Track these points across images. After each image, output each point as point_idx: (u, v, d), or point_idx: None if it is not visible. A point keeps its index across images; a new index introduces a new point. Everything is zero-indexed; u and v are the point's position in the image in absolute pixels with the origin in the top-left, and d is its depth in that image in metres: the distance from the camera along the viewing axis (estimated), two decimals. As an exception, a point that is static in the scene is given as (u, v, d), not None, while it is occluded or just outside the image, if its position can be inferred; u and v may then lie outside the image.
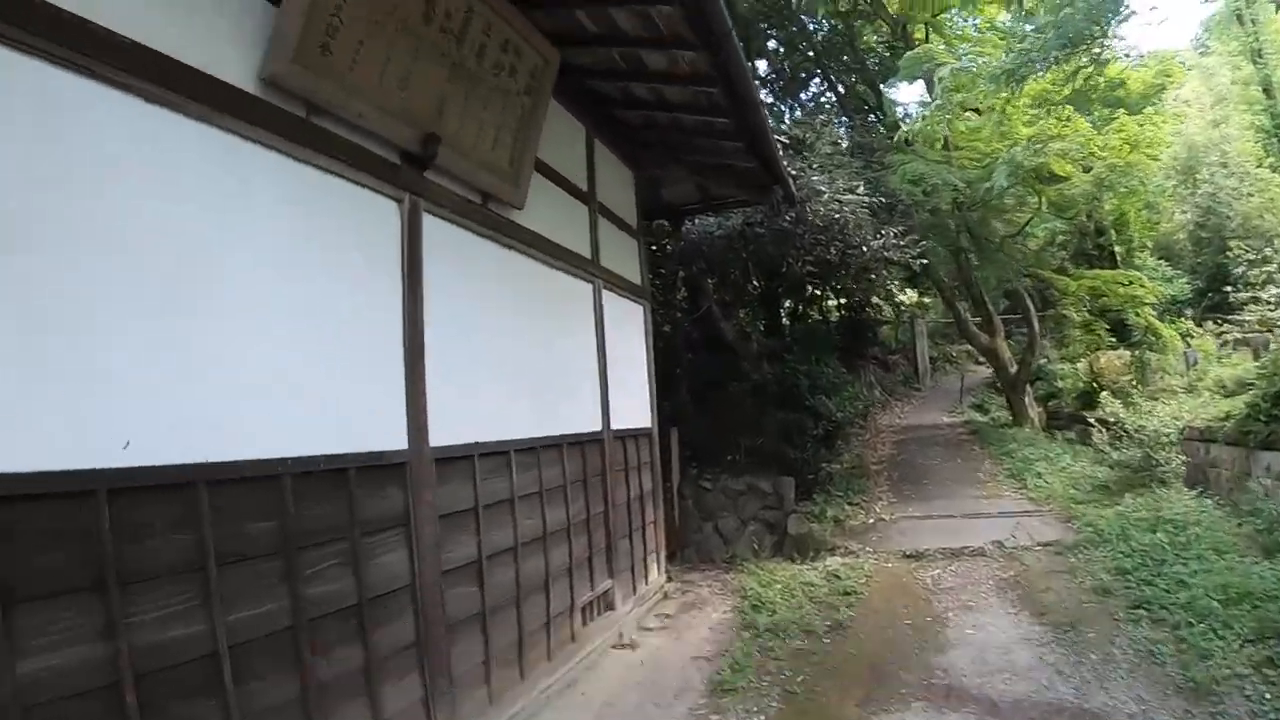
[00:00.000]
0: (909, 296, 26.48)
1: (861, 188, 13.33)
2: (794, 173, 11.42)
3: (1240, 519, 9.54)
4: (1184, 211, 25.55)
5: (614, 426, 8.54)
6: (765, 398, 13.12)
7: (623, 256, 9.46)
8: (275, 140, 4.12)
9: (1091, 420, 15.20)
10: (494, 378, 6.16)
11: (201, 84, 3.65)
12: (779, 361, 13.80)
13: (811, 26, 21.94)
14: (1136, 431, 12.45)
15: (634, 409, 9.45)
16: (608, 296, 8.70)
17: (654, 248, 13.41)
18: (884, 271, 14.39)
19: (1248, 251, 18.78)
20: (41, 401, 2.84)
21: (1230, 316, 19.46)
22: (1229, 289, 19.60)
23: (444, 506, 5.30)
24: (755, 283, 15.77)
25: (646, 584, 9.28)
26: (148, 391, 3.26)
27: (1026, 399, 19.53)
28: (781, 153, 9.66)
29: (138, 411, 3.20)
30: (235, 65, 3.89)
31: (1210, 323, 20.54)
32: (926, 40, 18.47)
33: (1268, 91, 25.69)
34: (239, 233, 3.83)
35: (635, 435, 9.41)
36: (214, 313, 3.64)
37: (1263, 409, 10.47)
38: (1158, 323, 18.81)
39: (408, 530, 4.91)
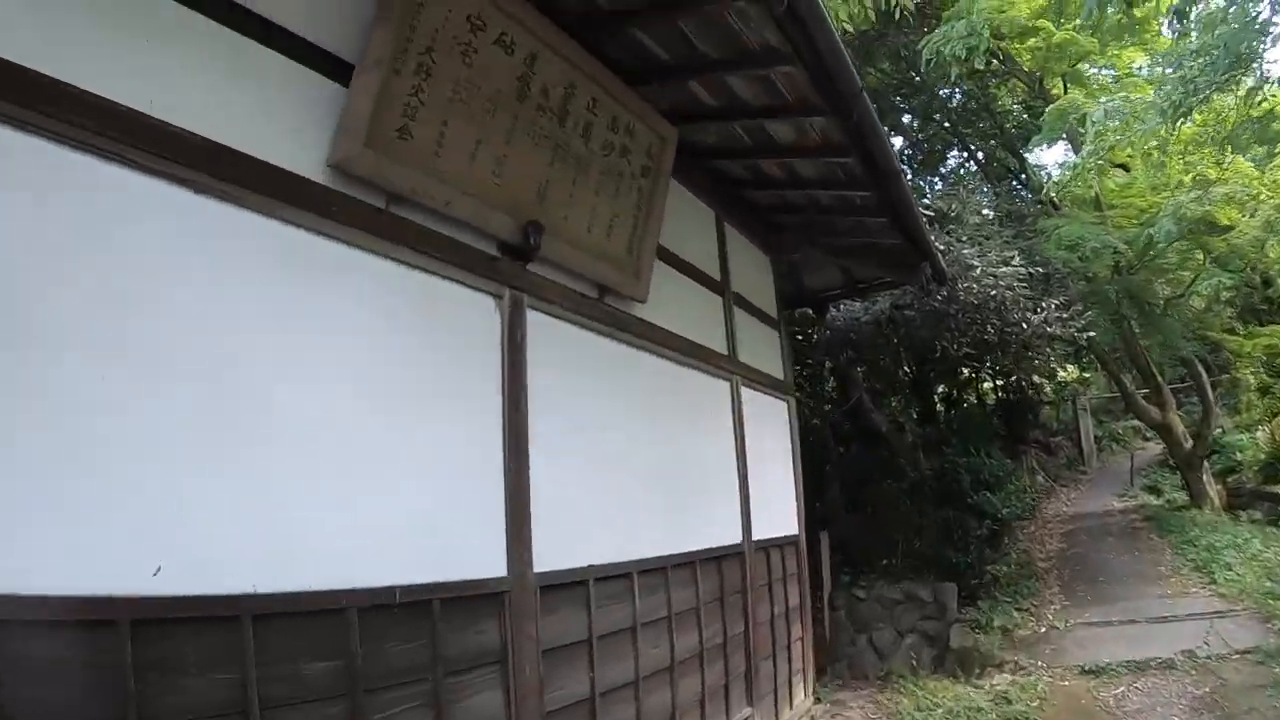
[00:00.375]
0: (1069, 372, 24.79)
1: (1016, 258, 12.35)
2: (941, 247, 10.60)
3: None
4: None
5: (756, 536, 7.77)
6: (923, 495, 12.20)
7: (763, 349, 8.84)
8: (348, 233, 3.73)
9: (1273, 492, 14.26)
10: (614, 490, 5.54)
11: (257, 171, 3.29)
12: (935, 454, 12.87)
13: (944, 93, 21.27)
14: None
15: (779, 515, 8.67)
16: (747, 394, 8.05)
17: (799, 338, 12.76)
18: (1046, 349, 13.26)
19: None
20: (58, 514, 2.52)
21: None
22: None
23: (550, 639, 4.67)
24: (907, 369, 14.90)
25: (791, 709, 8.42)
26: (186, 512, 2.88)
27: (1204, 477, 17.71)
28: (927, 226, 8.89)
29: (172, 534, 2.82)
30: (300, 151, 3.53)
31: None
32: (1065, 94, 17.44)
33: None
34: (303, 334, 3.46)
35: (780, 544, 8.59)
36: (270, 424, 3.25)
37: None
38: None
39: (504, 668, 4.27)
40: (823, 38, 4.84)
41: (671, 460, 6.42)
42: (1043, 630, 11.01)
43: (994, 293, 11.60)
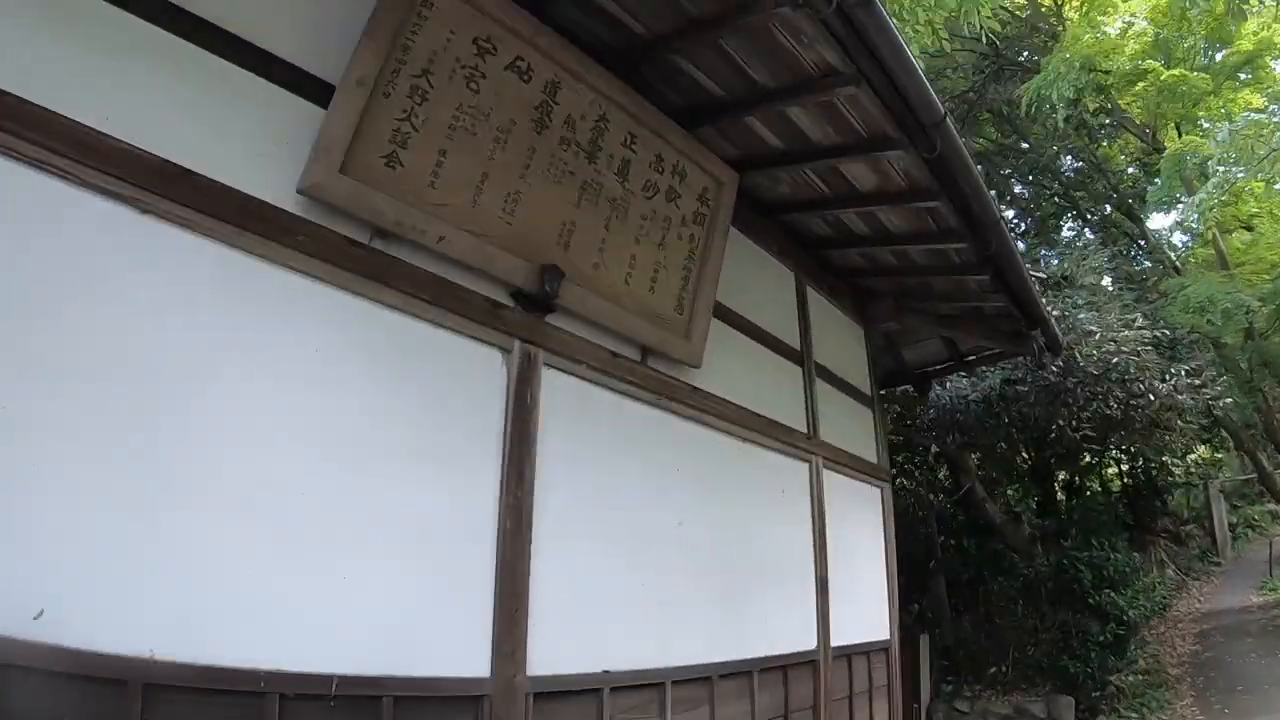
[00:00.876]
0: (1200, 452, 23.07)
1: (1139, 321, 11.31)
2: (1055, 313, 9.73)
3: None
4: None
5: (836, 642, 6.74)
6: (1038, 595, 11.12)
7: (852, 429, 7.95)
8: (319, 268, 3.34)
9: None
10: (648, 582, 4.77)
11: (213, 194, 3.03)
12: (1054, 548, 11.73)
13: (1055, 157, 20.35)
14: None
15: (866, 617, 7.65)
16: (830, 477, 7.13)
17: (902, 418, 11.91)
18: (1176, 421, 12.00)
19: None
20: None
21: None
22: None
23: (547, 763, 3.88)
24: (1024, 455, 13.81)
25: None
26: (82, 554, 2.54)
27: None
28: (1037, 288, 8.01)
29: (59, 576, 2.49)
30: (270, 176, 3.25)
31: None
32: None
33: None
34: (253, 370, 3.09)
35: (866, 650, 7.49)
36: (199, 469, 2.89)
37: None
38: None
39: (478, 796, 3.53)
40: (885, 44, 4.12)
41: (728, 550, 5.60)
42: (1185, 752, 9.71)
43: (1115, 360, 10.58)
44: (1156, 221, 20.56)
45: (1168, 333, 12.86)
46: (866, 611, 7.67)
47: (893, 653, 8.13)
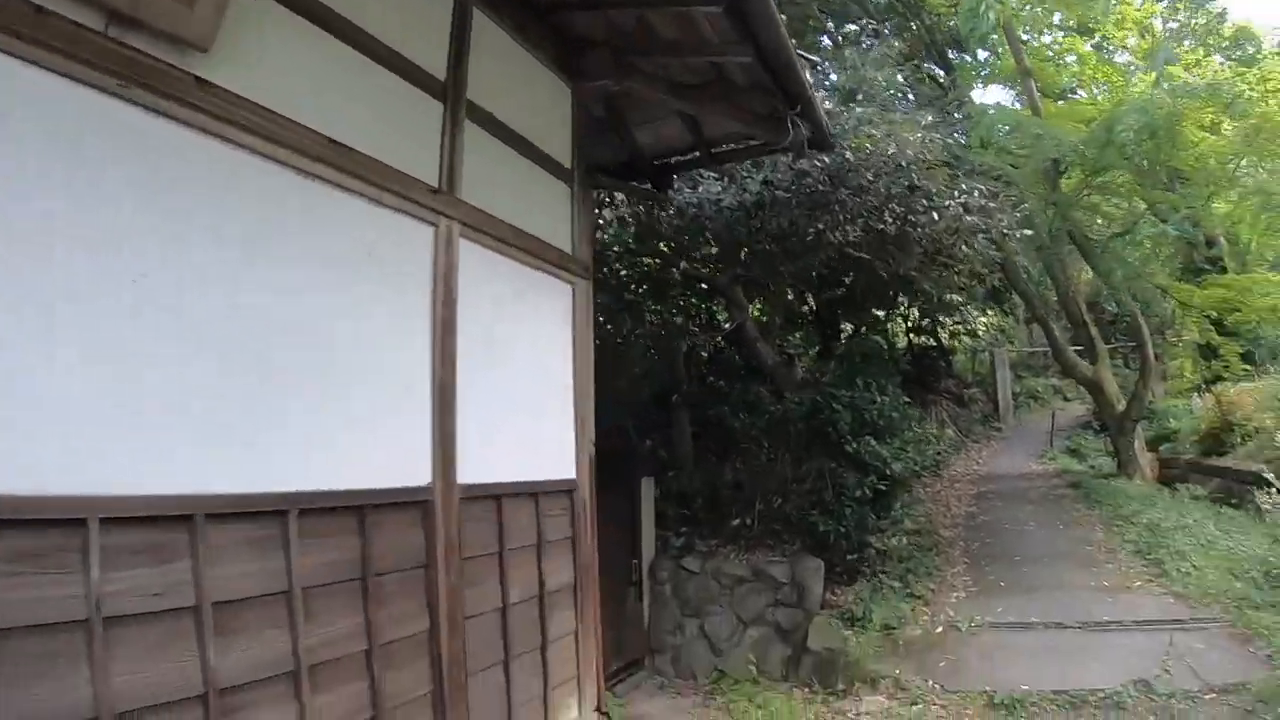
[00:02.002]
0: (989, 319, 23.36)
1: (930, 118, 9.54)
2: (829, 106, 7.74)
3: None
4: None
5: (471, 478, 4.90)
6: (791, 438, 9.17)
7: (530, 203, 5.94)
8: None
9: (1218, 466, 13.04)
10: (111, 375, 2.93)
11: None
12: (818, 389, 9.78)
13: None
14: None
15: (535, 449, 5.89)
16: (475, 253, 5.17)
17: (649, 228, 9.93)
18: (962, 249, 10.02)
19: None
20: None
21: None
22: None
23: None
24: (809, 303, 11.93)
25: None
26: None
27: (1136, 443, 15.83)
28: (800, 62, 6.01)
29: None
30: None
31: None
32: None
33: None
34: None
35: (534, 493, 5.73)
36: None
37: None
38: None
39: None
40: None
41: (256, 333, 3.58)
42: (938, 630, 8.05)
43: (901, 163, 8.59)
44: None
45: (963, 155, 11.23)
46: (535, 442, 5.92)
47: (580, 497, 6.34)
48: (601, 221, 9.83)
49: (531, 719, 5.56)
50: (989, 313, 22.00)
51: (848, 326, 15.22)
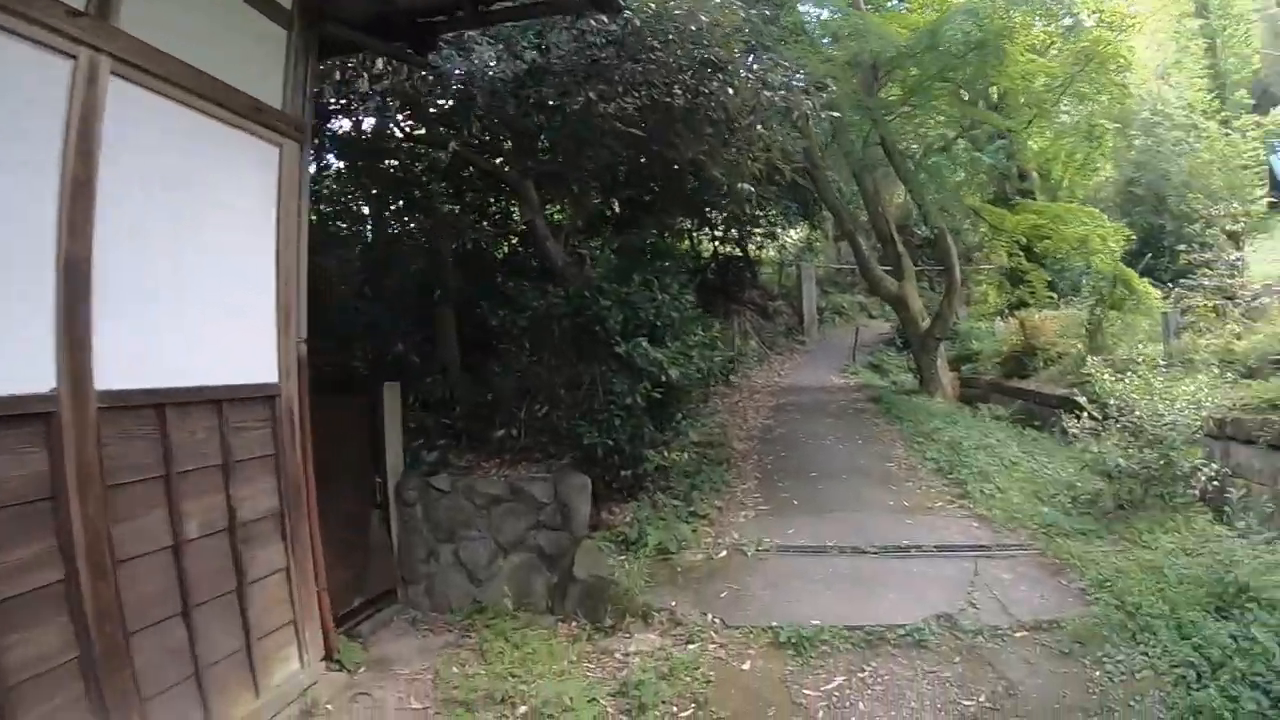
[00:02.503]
0: (797, 234, 23.63)
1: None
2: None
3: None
4: (1117, 166, 23.18)
5: (111, 383, 3.82)
6: (552, 340, 7.92)
7: (229, 45, 4.77)
8: None
9: (1021, 388, 13.13)
10: None
11: None
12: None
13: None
14: (1153, 422, 7.60)
15: (222, 346, 4.77)
16: (135, 99, 4.01)
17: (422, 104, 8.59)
18: (759, 130, 8.76)
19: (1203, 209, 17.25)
20: None
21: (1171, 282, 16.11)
22: (1182, 249, 17.00)
23: None
24: (612, 207, 10.69)
25: (258, 698, 4.72)
26: None
27: (939, 362, 15.77)
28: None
29: None
30: None
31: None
32: None
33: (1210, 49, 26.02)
34: None
35: (219, 400, 4.64)
36: None
37: None
38: (1131, 273, 14.45)
39: None
40: None
41: None
42: (722, 555, 7.07)
43: (693, 26, 7.40)
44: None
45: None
46: (219, 338, 4.77)
47: (286, 405, 5.23)
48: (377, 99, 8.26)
49: (231, 679, 4.51)
50: (797, 228, 21.91)
51: (654, 233, 14.27)
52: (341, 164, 9.90)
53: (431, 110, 8.81)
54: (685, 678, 5.09)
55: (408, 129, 9.52)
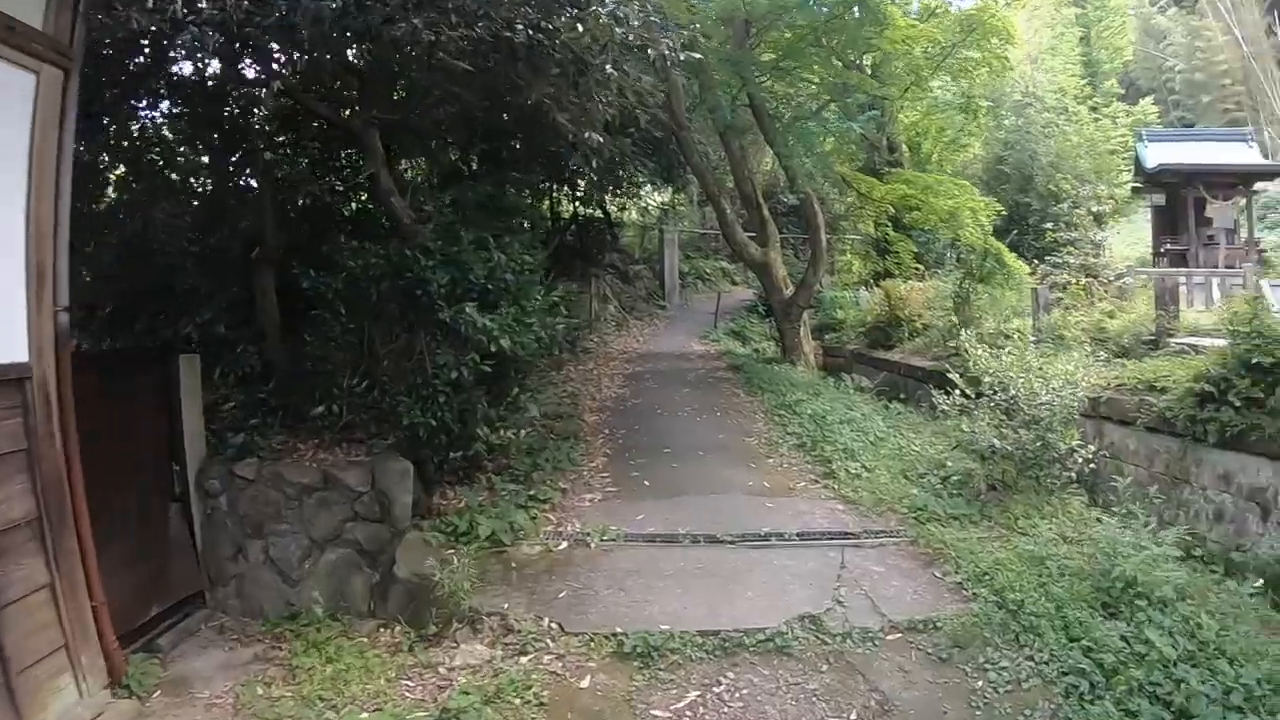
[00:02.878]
0: (660, 197, 23.34)
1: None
2: None
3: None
4: (986, 145, 23.90)
5: None
6: (370, 305, 6.92)
7: None
8: None
9: (886, 359, 12.90)
10: None
11: None
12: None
13: None
14: (1029, 401, 7.13)
15: None
16: None
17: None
18: (609, 71, 7.72)
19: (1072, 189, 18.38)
20: None
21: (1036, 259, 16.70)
22: (1048, 227, 18.01)
23: None
24: (473, 165, 9.77)
25: None
26: None
27: (802, 330, 15.30)
28: None
29: None
30: None
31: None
32: None
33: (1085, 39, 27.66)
34: None
35: None
36: None
37: (1229, 383, 6.32)
38: (1002, 247, 14.33)
39: None
40: None
41: None
42: (563, 546, 6.30)
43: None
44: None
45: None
46: None
47: (40, 389, 4.38)
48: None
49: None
50: (661, 191, 21.67)
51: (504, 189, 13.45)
52: (181, 109, 8.69)
53: (251, 44, 7.70)
54: (514, 699, 4.35)
55: (227, 67, 8.36)
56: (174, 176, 8.64)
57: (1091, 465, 6.85)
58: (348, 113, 8.60)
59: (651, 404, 11.09)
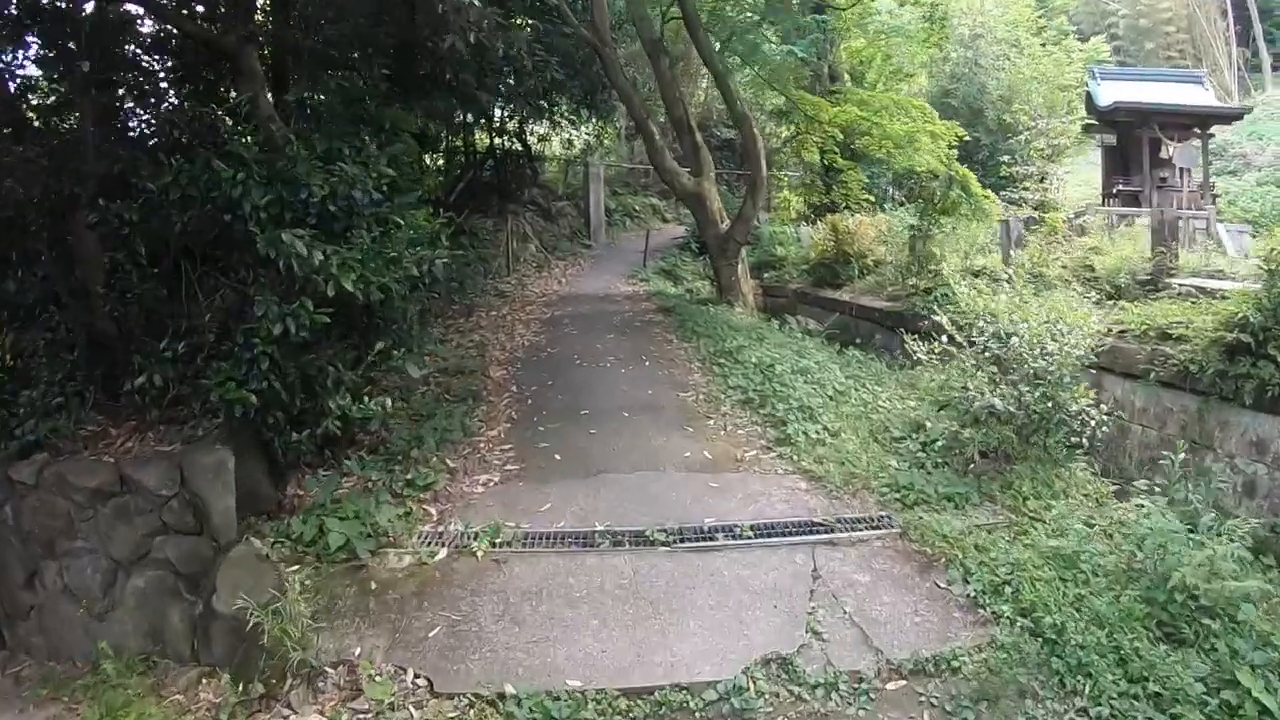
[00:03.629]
0: (585, 129, 21.29)
1: None
2: None
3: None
4: (932, 77, 23.18)
5: None
6: (172, 241, 5.27)
7: None
8: None
9: (835, 299, 11.94)
10: None
11: None
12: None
13: None
14: (1034, 354, 5.79)
15: None
16: None
17: None
18: None
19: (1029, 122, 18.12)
20: None
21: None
22: (1005, 160, 17.66)
23: None
24: (375, 87, 8.38)
25: None
26: None
27: (740, 268, 13.83)
28: None
29: None
30: None
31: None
32: None
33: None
34: None
35: None
36: None
37: (1270, 333, 5.32)
38: (971, 175, 13.19)
39: None
40: None
41: None
42: (441, 555, 4.76)
43: None
44: None
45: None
46: None
47: None
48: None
49: None
50: (586, 123, 19.89)
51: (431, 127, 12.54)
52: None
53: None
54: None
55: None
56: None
57: (1104, 429, 5.55)
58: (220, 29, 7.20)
59: (570, 353, 9.60)
